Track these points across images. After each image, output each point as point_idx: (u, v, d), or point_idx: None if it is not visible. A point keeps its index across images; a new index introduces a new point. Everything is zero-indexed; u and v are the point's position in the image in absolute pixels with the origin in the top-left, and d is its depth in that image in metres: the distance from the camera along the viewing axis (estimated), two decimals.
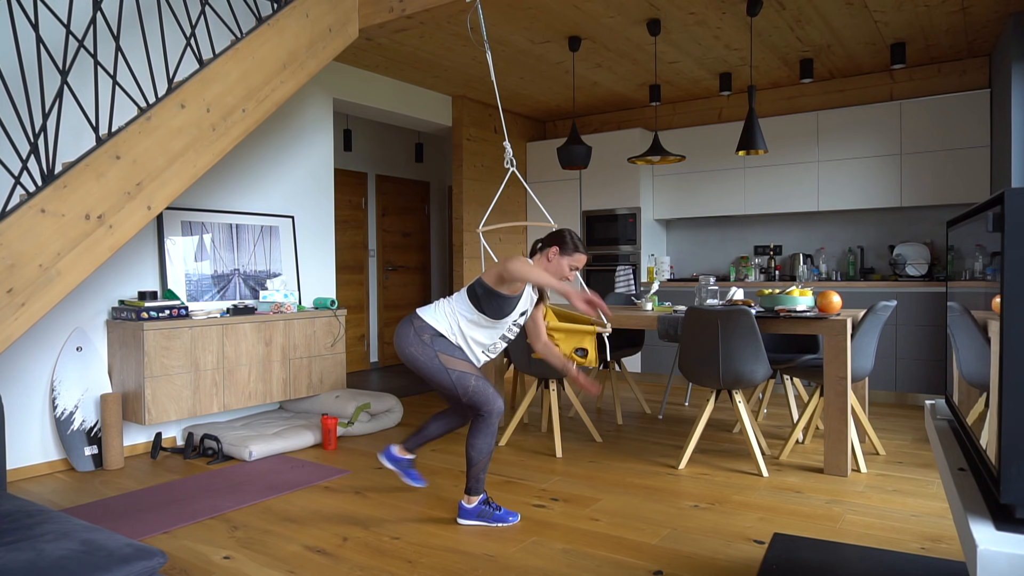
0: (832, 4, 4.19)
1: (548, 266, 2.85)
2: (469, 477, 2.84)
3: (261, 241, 4.67)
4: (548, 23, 4.49)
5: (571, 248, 2.84)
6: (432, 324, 2.80)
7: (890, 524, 2.77)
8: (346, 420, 4.36)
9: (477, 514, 2.84)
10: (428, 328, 2.79)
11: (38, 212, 2.61)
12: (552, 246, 2.85)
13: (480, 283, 2.78)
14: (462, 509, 2.85)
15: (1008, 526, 1.17)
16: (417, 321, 2.81)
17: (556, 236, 2.87)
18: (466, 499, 2.86)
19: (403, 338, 2.79)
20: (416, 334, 2.77)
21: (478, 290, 2.77)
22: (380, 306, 7.42)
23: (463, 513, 2.85)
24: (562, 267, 2.84)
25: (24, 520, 1.79)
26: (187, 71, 4.00)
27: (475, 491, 2.85)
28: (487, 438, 2.81)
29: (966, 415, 1.70)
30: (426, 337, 2.77)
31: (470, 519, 2.85)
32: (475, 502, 2.85)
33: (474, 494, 2.85)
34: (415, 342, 2.76)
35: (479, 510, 2.84)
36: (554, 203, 6.81)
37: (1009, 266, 1.15)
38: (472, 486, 2.85)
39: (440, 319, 2.82)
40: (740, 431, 4.34)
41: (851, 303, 5.29)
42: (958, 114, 5.09)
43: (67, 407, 3.66)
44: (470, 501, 2.85)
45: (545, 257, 2.86)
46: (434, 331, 2.80)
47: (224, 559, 2.52)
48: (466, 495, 2.86)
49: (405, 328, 2.81)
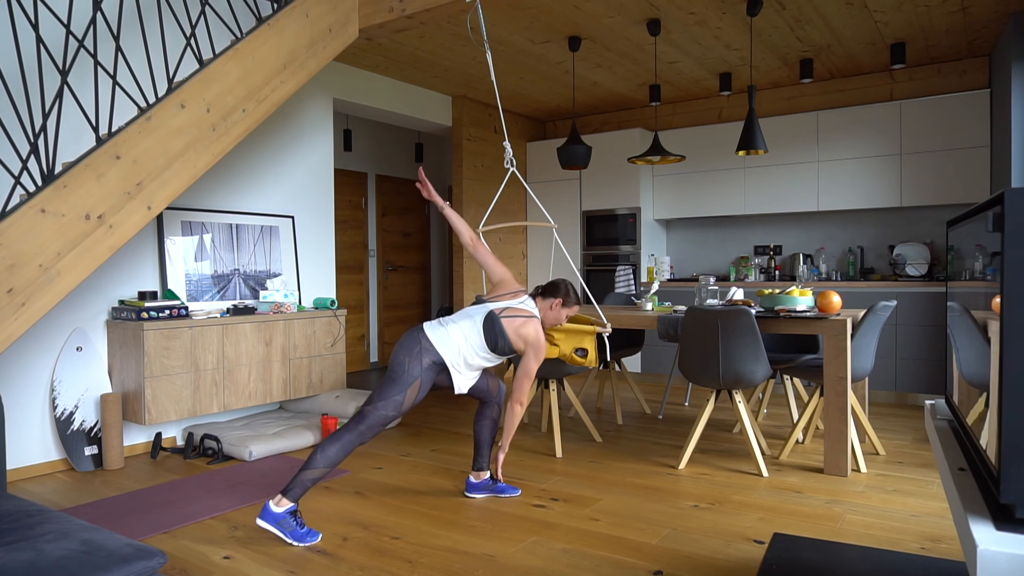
0: (832, 4, 4.19)
1: (549, 313, 3.11)
2: (295, 479, 2.64)
3: (261, 241, 4.67)
4: (548, 23, 4.49)
5: (572, 302, 3.15)
6: (439, 352, 2.85)
7: (890, 524, 2.77)
8: (346, 420, 4.36)
9: (278, 520, 2.63)
10: (433, 354, 2.84)
11: (38, 212, 2.61)
12: (556, 298, 3.11)
13: (502, 333, 2.90)
14: (265, 508, 2.65)
15: (1008, 526, 1.17)
16: (426, 342, 2.85)
17: (559, 289, 3.12)
18: (277, 500, 2.65)
19: (406, 347, 2.84)
20: (419, 353, 2.83)
21: (499, 340, 2.90)
22: (380, 306, 7.42)
23: (264, 513, 2.65)
24: (560, 317, 3.14)
25: (24, 520, 1.79)
26: (187, 71, 4.00)
27: (292, 496, 2.63)
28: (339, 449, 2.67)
29: (966, 415, 1.70)
30: (425, 362, 2.82)
31: (268, 523, 2.64)
32: (285, 507, 2.63)
33: (289, 498, 2.63)
34: (415, 357, 2.82)
35: (283, 517, 2.63)
36: (554, 203, 6.81)
37: (1009, 266, 1.15)
38: (292, 489, 2.62)
39: (450, 350, 2.87)
40: (740, 431, 4.34)
41: (851, 303, 5.29)
42: (958, 114, 5.09)
43: (67, 407, 3.66)
44: (279, 503, 2.64)
45: (548, 305, 3.11)
46: (437, 359, 2.85)
47: (224, 559, 2.52)
48: (280, 495, 2.64)
49: (412, 340, 2.86)
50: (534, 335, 2.94)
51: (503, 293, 3.04)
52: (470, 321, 2.92)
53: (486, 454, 3.18)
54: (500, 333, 2.89)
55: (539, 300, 3.11)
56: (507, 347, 2.91)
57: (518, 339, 2.92)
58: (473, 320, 2.92)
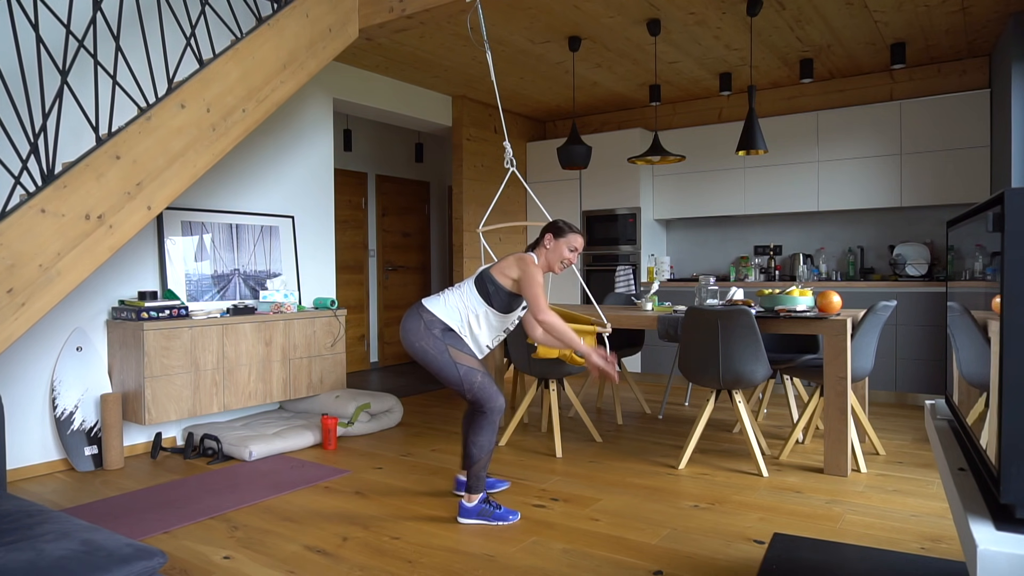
0: (832, 4, 4.19)
1: (548, 254, 2.93)
2: (470, 475, 2.84)
3: (261, 241, 4.67)
4: (548, 23, 4.49)
5: (565, 230, 2.93)
6: (442, 318, 2.81)
7: (890, 524, 2.77)
8: (346, 420, 4.36)
9: (477, 513, 2.84)
10: (438, 322, 2.80)
11: (38, 212, 2.61)
12: (546, 234, 2.94)
13: (491, 279, 2.82)
14: (462, 508, 2.85)
15: (1008, 526, 1.17)
16: (426, 315, 2.81)
17: (547, 225, 2.97)
18: (467, 497, 2.85)
19: (412, 332, 2.79)
20: (426, 328, 2.78)
21: (488, 286, 2.82)
22: (380, 306, 7.42)
23: (463, 512, 2.85)
24: (561, 251, 2.92)
25: (24, 520, 1.79)
26: (187, 71, 4.00)
27: (476, 489, 2.84)
28: (489, 435, 2.81)
29: (966, 415, 1.70)
30: (436, 331, 2.78)
31: (470, 518, 2.84)
32: (475, 500, 2.84)
33: (475, 492, 2.84)
34: (426, 336, 2.77)
35: (479, 508, 2.84)
36: (554, 203, 6.81)
37: (1009, 266, 1.15)
38: (473, 484, 2.84)
39: (451, 313, 2.83)
40: (740, 431, 4.34)
41: (851, 303, 5.29)
42: (958, 114, 5.09)
43: (67, 407, 3.66)
44: (471, 500, 2.84)
45: (543, 247, 2.94)
46: (444, 325, 2.81)
47: (224, 559, 2.52)
48: (466, 493, 2.86)
49: (414, 322, 2.81)
50: (516, 260, 2.81)
51: None
52: (465, 284, 2.91)
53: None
54: (489, 280, 2.83)
55: (537, 250, 2.97)
56: (499, 291, 2.82)
57: (505, 277, 2.82)
58: (467, 282, 2.92)
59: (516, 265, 2.81)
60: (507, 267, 2.84)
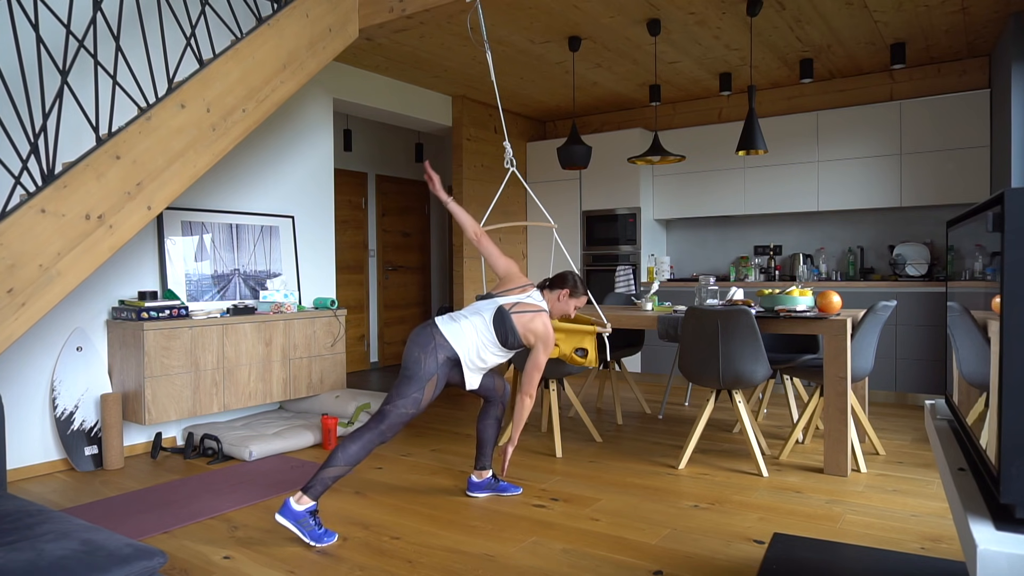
0: (832, 4, 4.19)
1: (557, 304, 3.12)
2: (315, 477, 2.63)
3: (261, 241, 4.67)
4: (548, 23, 4.49)
5: (580, 292, 3.15)
6: (453, 347, 2.86)
7: (890, 524, 2.77)
8: (346, 420, 4.36)
9: (298, 519, 2.62)
10: (448, 350, 2.85)
11: (38, 212, 2.61)
12: (564, 289, 3.11)
13: (512, 329, 2.91)
14: (286, 505, 2.64)
15: (1008, 526, 1.17)
16: (439, 338, 2.85)
17: (566, 281, 3.12)
18: (298, 497, 2.65)
19: (420, 344, 2.84)
20: (434, 348, 2.83)
21: (508, 335, 2.91)
22: (380, 306, 7.42)
23: (284, 509, 2.63)
24: (568, 307, 3.14)
25: (24, 520, 1.79)
26: (187, 71, 4.00)
27: (312, 493, 2.63)
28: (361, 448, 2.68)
29: (966, 415, 1.70)
30: (440, 357, 2.83)
31: (288, 520, 2.62)
32: (305, 505, 2.63)
33: (309, 495, 2.63)
34: (429, 354, 2.82)
35: (303, 516, 2.63)
36: (554, 203, 6.81)
37: (1009, 266, 1.15)
38: (313, 487, 2.62)
39: (464, 346, 2.88)
40: (740, 431, 4.34)
41: (851, 303, 5.29)
42: (958, 114, 5.09)
43: (67, 407, 3.66)
44: (300, 501, 2.64)
45: (556, 297, 3.11)
46: (451, 355, 2.85)
47: (224, 559, 2.52)
48: (300, 492, 2.64)
49: (426, 337, 2.85)
50: (543, 329, 2.94)
51: (511, 288, 3.03)
52: (480, 317, 2.92)
53: (488, 453, 3.18)
54: (510, 329, 2.90)
55: (546, 292, 3.12)
56: (517, 342, 2.92)
57: (527, 333, 2.93)
58: (483, 316, 2.93)
59: (541, 341, 2.95)
60: (534, 331, 2.94)
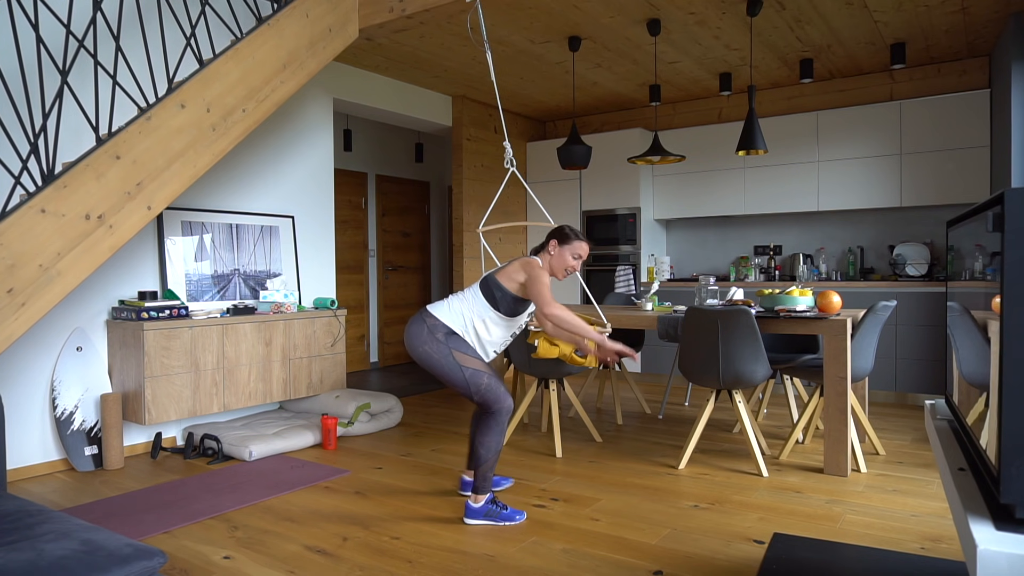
0: (832, 4, 4.19)
1: (552, 260, 2.94)
2: (477, 476, 2.84)
3: (261, 241, 4.67)
4: (548, 23, 4.49)
5: (571, 238, 2.93)
6: (446, 322, 2.81)
7: (890, 524, 2.77)
8: (346, 420, 4.36)
9: (484, 514, 2.83)
10: (441, 326, 2.80)
11: (38, 212, 2.61)
12: (552, 240, 2.94)
13: (497, 285, 2.82)
14: (469, 509, 2.85)
15: (1008, 526, 1.17)
16: (429, 319, 2.81)
17: (555, 231, 2.96)
18: (473, 498, 2.85)
19: (415, 337, 2.80)
20: (429, 332, 2.78)
21: (495, 291, 2.82)
22: (380, 306, 7.42)
23: (470, 513, 2.85)
24: (565, 258, 2.92)
25: (24, 520, 1.79)
26: (187, 71, 4.00)
27: (483, 490, 2.84)
28: (497, 436, 2.81)
29: (966, 415, 1.70)
30: (440, 335, 2.78)
31: (477, 518, 2.84)
32: (482, 501, 2.84)
33: (481, 493, 2.84)
34: (429, 340, 2.77)
35: (486, 509, 2.84)
36: (554, 203, 6.81)
37: (1009, 266, 1.15)
38: (480, 485, 2.84)
39: (455, 317, 2.83)
40: (740, 431, 4.34)
41: (851, 303, 5.29)
42: (958, 114, 5.09)
43: (67, 407, 3.66)
44: (477, 500, 2.84)
45: (547, 252, 2.95)
46: (448, 329, 2.81)
47: (224, 559, 2.52)
48: (473, 494, 2.85)
49: (417, 326, 2.81)
50: (525, 267, 2.81)
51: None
52: (469, 290, 2.91)
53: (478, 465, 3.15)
54: (495, 286, 2.83)
55: (541, 254, 2.98)
56: (506, 297, 2.82)
57: (511, 282, 2.82)
58: (472, 287, 2.92)
59: (522, 269, 2.82)
60: (513, 272, 2.84)
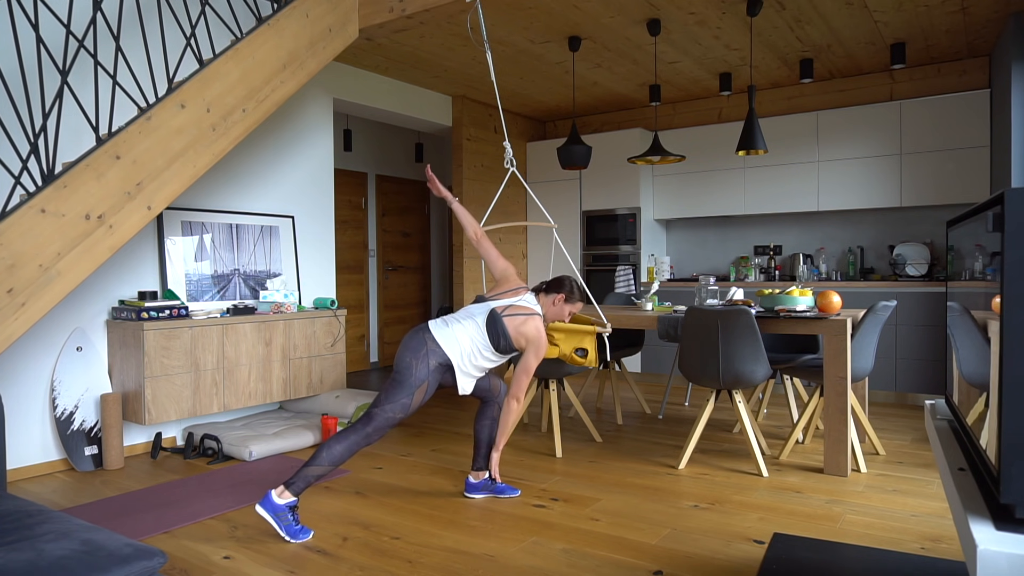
0: (832, 4, 4.19)
1: (551, 308, 3.11)
2: (296, 475, 2.65)
3: (261, 241, 4.67)
4: (548, 23, 4.49)
5: (574, 299, 3.14)
6: (445, 352, 2.84)
7: (890, 524, 2.77)
8: (346, 420, 4.36)
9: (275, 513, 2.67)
10: (440, 355, 2.83)
11: (38, 212, 2.61)
12: (559, 294, 3.10)
13: (504, 333, 2.89)
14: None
15: (1008, 526, 1.17)
16: (431, 343, 2.83)
17: (563, 285, 3.11)
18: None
19: (412, 349, 2.83)
20: (426, 355, 2.81)
21: (501, 339, 2.89)
22: (380, 306, 7.42)
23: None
24: (563, 312, 3.13)
25: (24, 520, 1.79)
26: (187, 71, 4.00)
27: (293, 489, 2.66)
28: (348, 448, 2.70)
29: (966, 415, 1.70)
30: (432, 363, 2.81)
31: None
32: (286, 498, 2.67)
33: (290, 489, 2.66)
34: (422, 359, 2.81)
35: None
36: (554, 203, 6.81)
37: (1009, 266, 1.15)
38: (293, 482, 2.65)
39: (454, 349, 2.85)
40: (740, 431, 4.34)
41: (851, 303, 5.29)
42: (958, 114, 5.09)
43: (67, 407, 3.66)
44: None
45: (551, 301, 3.10)
46: (444, 360, 2.84)
47: (224, 559, 2.52)
48: (283, 487, 2.68)
49: (418, 342, 2.84)
50: (535, 333, 2.93)
51: (505, 290, 3.03)
52: (473, 321, 2.91)
53: (485, 454, 3.17)
54: (502, 332, 2.88)
55: (542, 296, 3.10)
56: (509, 346, 2.91)
57: (519, 336, 2.91)
58: (476, 320, 2.92)
59: (533, 345, 2.94)
60: (526, 334, 2.92)
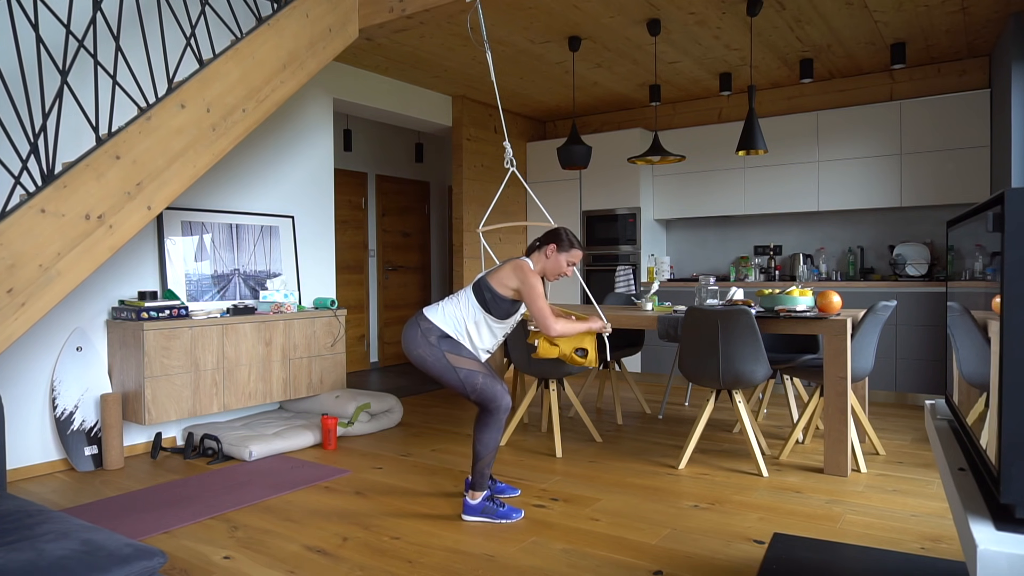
0: (832, 4, 4.19)
1: (547, 263, 2.96)
2: (474, 472, 2.86)
3: (261, 241, 4.67)
4: (548, 23, 4.48)
5: (567, 245, 2.97)
6: (439, 325, 2.84)
7: (890, 524, 2.77)
8: (346, 420, 4.36)
9: (481, 510, 2.86)
10: (435, 330, 2.83)
11: (38, 212, 2.61)
12: (549, 244, 2.96)
13: (488, 287, 2.85)
14: (466, 505, 2.88)
15: (1008, 526, 1.17)
16: (424, 323, 2.84)
17: (553, 234, 2.98)
18: (470, 494, 2.88)
19: (411, 340, 2.84)
20: (423, 335, 2.82)
21: (486, 294, 2.84)
22: (380, 306, 7.42)
23: (467, 509, 2.88)
24: (560, 264, 2.96)
25: (24, 520, 1.79)
26: (187, 71, 4.00)
27: (479, 486, 2.87)
28: (493, 433, 2.84)
29: (966, 415, 1.70)
30: (432, 339, 2.81)
31: (474, 515, 2.87)
32: (479, 498, 2.87)
33: (479, 489, 2.87)
34: (423, 343, 2.81)
35: (483, 506, 2.86)
36: (554, 203, 6.81)
37: (1009, 266, 1.15)
38: (477, 481, 2.86)
39: (447, 321, 2.86)
40: (740, 431, 4.34)
41: (851, 303, 5.29)
42: (958, 114, 5.09)
43: (67, 407, 3.66)
44: (474, 497, 2.88)
45: (543, 254, 2.97)
46: (440, 332, 2.84)
47: (224, 559, 2.52)
48: (470, 491, 2.88)
49: (412, 330, 2.85)
50: (518, 271, 2.83)
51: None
52: (462, 293, 2.93)
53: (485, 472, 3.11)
54: (486, 287, 2.85)
55: (535, 254, 2.98)
56: (498, 299, 2.83)
57: (503, 287, 2.84)
58: (465, 290, 2.94)
59: (514, 275, 2.84)
60: (505, 277, 2.85)
